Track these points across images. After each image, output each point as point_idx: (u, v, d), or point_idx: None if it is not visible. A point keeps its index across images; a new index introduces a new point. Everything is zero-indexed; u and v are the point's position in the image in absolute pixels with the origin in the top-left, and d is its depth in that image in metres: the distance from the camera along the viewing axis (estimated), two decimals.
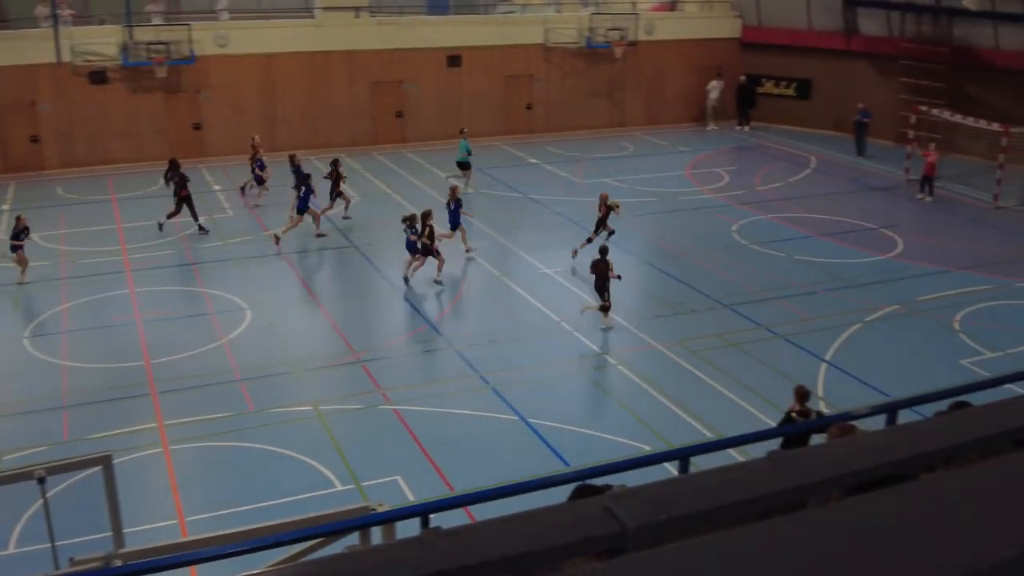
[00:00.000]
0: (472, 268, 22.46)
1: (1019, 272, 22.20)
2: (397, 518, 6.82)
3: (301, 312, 19.98)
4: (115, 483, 8.33)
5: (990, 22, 31.78)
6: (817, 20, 36.88)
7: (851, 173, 31.76)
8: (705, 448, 8.79)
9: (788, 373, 16.38)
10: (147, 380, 16.54)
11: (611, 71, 37.25)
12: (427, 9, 39.25)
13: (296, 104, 32.89)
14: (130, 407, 15.64)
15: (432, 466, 13.89)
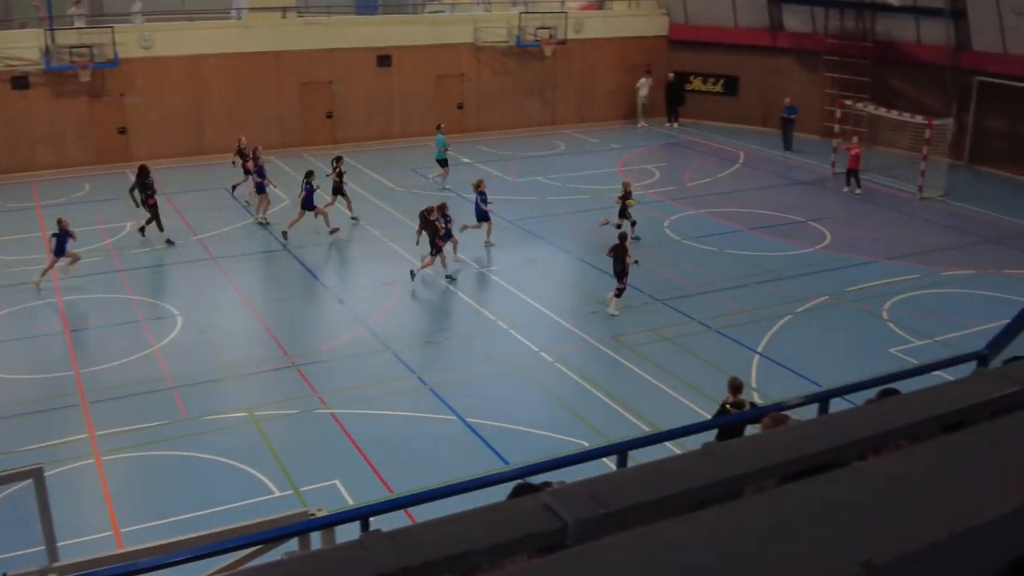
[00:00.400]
0: (407, 267, 22.37)
1: (944, 261, 22.74)
2: (336, 523, 6.78)
3: (234, 317, 19.73)
4: (47, 496, 8.15)
5: (912, 17, 32.51)
6: (743, 17, 37.39)
7: (779, 167, 32.25)
8: (642, 442, 8.87)
9: (722, 365, 16.59)
10: (77, 390, 16.20)
11: (541, 70, 37.37)
12: (355, 9, 39.02)
13: (224, 106, 32.44)
14: (60, 418, 15.31)
15: (371, 469, 13.81)
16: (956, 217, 26.60)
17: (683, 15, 38.96)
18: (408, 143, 34.47)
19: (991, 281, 21.29)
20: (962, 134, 31.74)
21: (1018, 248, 23.58)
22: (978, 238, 24.73)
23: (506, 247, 23.95)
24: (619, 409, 15.58)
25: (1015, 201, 27.86)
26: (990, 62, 30.69)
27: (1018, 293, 19.39)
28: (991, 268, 22.20)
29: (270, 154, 32.27)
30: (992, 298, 20.08)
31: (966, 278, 21.65)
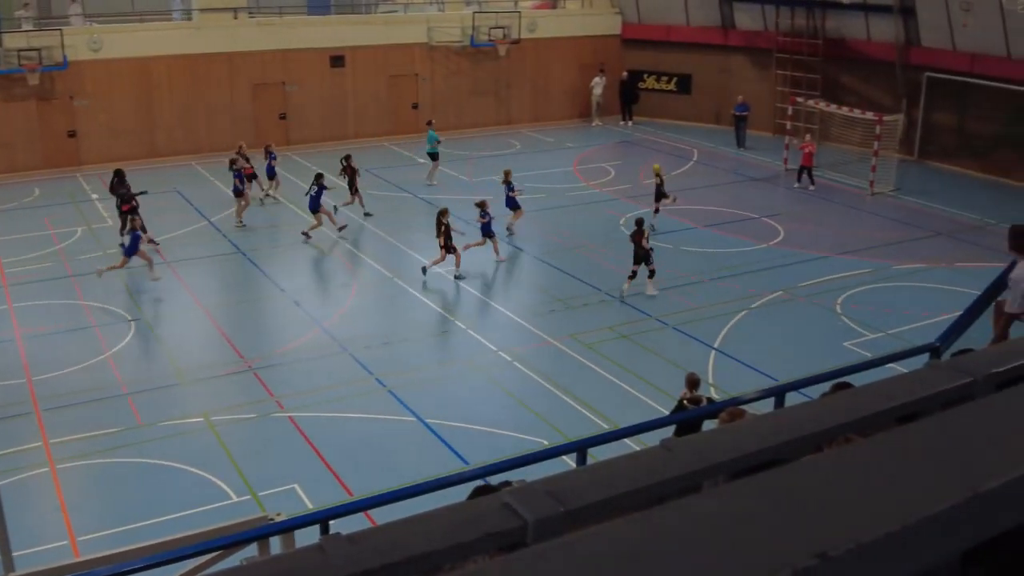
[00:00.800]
0: (364, 269, 22.30)
1: (896, 255, 23.05)
2: (296, 527, 6.74)
3: (188, 321, 19.53)
4: (1, 506, 8.02)
5: (861, 14, 32.91)
6: (695, 16, 37.65)
7: (732, 165, 32.51)
8: (601, 439, 8.92)
9: (679, 362, 16.70)
10: (29, 398, 15.95)
11: (496, 69, 37.38)
12: (308, 9, 38.77)
13: (175, 108, 32.09)
14: (12, 427, 15.06)
15: (330, 472, 13.74)
16: (907, 212, 26.97)
17: (636, 14, 39.15)
18: (362, 144, 34.30)
19: (942, 274, 21.61)
20: (912, 130, 32.20)
21: (968, 241, 23.97)
22: (929, 232, 25.10)
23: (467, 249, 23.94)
24: (578, 407, 15.63)
25: (964, 195, 28.31)
26: (939, 58, 31.15)
27: (969, 286, 19.71)
28: (942, 261, 22.54)
29: (222, 155, 32.04)
30: (943, 291, 20.38)
31: (918, 272, 21.96)
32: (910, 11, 31.45)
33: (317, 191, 23.82)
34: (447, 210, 21.70)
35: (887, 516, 0.78)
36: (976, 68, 30.03)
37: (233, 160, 25.69)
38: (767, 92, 35.60)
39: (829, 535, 0.74)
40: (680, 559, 0.74)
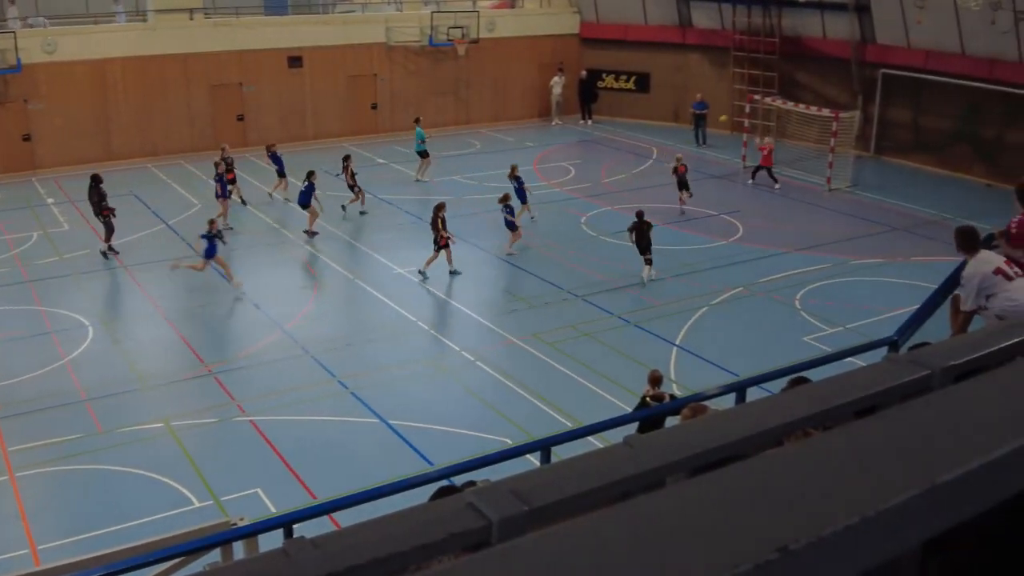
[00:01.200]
0: (324, 270, 22.18)
1: (853, 250, 23.30)
2: (259, 531, 6.70)
3: (147, 326, 19.32)
4: None
5: (817, 12, 33.24)
6: (652, 15, 37.83)
7: (691, 162, 32.61)
8: (565, 437, 8.94)
9: (641, 359, 16.77)
10: None
11: (455, 69, 37.33)
12: (264, 9, 38.48)
13: (131, 110, 31.73)
14: None
15: (293, 476, 13.66)
16: (864, 207, 27.27)
17: (594, 13, 39.28)
18: (321, 144, 34.13)
19: (899, 269, 21.87)
20: (868, 126, 32.58)
21: (924, 236, 24.27)
22: (886, 227, 25.39)
23: (424, 247, 23.89)
24: (542, 406, 15.65)
25: (920, 190, 28.67)
26: (894, 55, 31.54)
27: (926, 280, 19.92)
28: (899, 256, 22.82)
29: (180, 157, 31.76)
30: (900, 285, 20.63)
31: (875, 266, 22.21)
32: (865, 9, 31.82)
33: (307, 187, 23.86)
34: (444, 204, 21.70)
35: (846, 509, 0.79)
36: (931, 65, 30.45)
37: (217, 164, 25.47)
38: (725, 90, 35.85)
39: (789, 529, 0.75)
40: (643, 555, 0.74)
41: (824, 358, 10.04)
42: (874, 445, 0.93)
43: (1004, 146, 29.52)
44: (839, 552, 0.77)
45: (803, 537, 0.74)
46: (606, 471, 2.11)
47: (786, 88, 34.32)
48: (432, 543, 1.85)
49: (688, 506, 0.79)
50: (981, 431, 0.98)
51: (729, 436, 2.17)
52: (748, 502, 0.80)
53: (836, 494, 0.82)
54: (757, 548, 0.72)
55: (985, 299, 8.41)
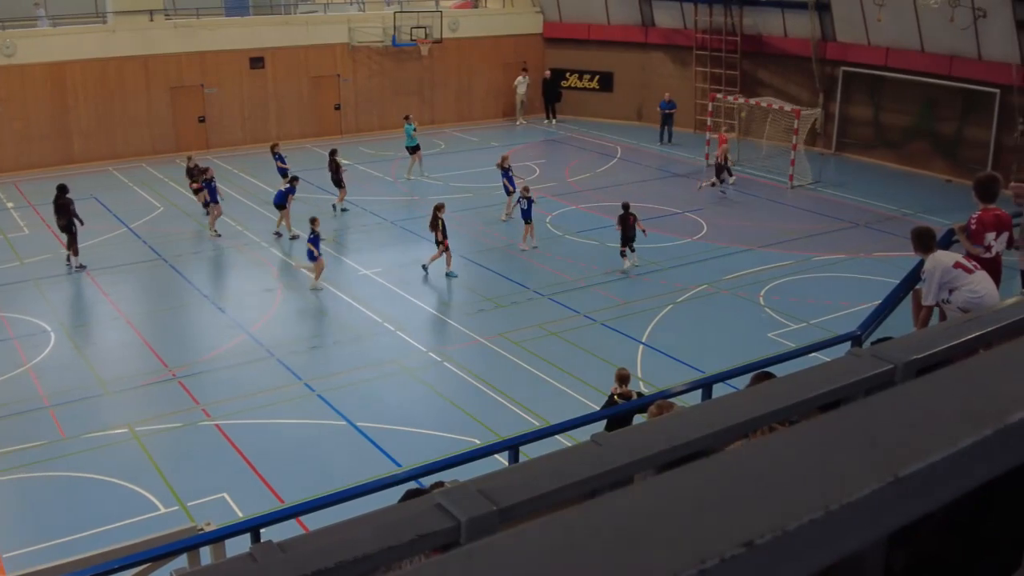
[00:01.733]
0: (289, 272, 22.06)
1: (816, 247, 23.51)
2: (226, 536, 6.66)
3: (110, 331, 19.12)
4: None
5: (778, 10, 33.51)
6: (615, 15, 37.97)
7: (655, 161, 32.85)
8: (533, 437, 8.95)
9: (608, 357, 16.82)
10: None
11: (419, 69, 37.26)
12: (225, 10, 38.17)
13: (91, 113, 31.39)
14: None
15: (260, 480, 13.57)
16: (826, 204, 27.52)
17: (557, 13, 39.35)
18: (285, 146, 33.89)
19: (861, 264, 22.09)
20: (829, 123, 32.90)
21: (886, 231, 24.52)
22: (848, 223, 25.64)
23: (390, 248, 23.87)
24: (509, 405, 15.65)
25: (881, 186, 28.98)
26: (854, 53, 31.87)
27: (887, 275, 20.16)
28: (861, 252, 23.05)
29: (141, 160, 31.46)
30: (863, 281, 20.83)
31: (837, 262, 22.42)
32: (825, 7, 32.12)
33: (287, 189, 23.85)
34: (443, 205, 21.66)
35: (811, 503, 0.79)
36: (891, 62, 30.81)
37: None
38: (687, 89, 36.06)
39: (755, 524, 0.75)
40: (610, 552, 0.74)
41: (788, 354, 10.12)
42: (837, 439, 0.94)
43: (963, 142, 29.93)
44: (804, 546, 0.78)
45: (768, 532, 0.74)
46: (574, 469, 2.11)
47: (748, 86, 34.59)
48: (400, 544, 1.85)
49: (654, 502, 0.79)
50: (943, 424, 0.99)
51: (696, 432, 2.18)
52: (714, 498, 0.81)
53: (800, 488, 0.83)
54: (723, 543, 0.73)
55: (948, 293, 8.52)
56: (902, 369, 2.51)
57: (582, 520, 0.78)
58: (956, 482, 0.96)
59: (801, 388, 2.43)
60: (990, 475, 1.03)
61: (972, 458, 0.96)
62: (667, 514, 0.77)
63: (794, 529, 0.75)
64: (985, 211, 9.28)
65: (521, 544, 0.79)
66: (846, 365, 2.60)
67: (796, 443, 0.92)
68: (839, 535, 0.81)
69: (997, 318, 2.99)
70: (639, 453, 2.15)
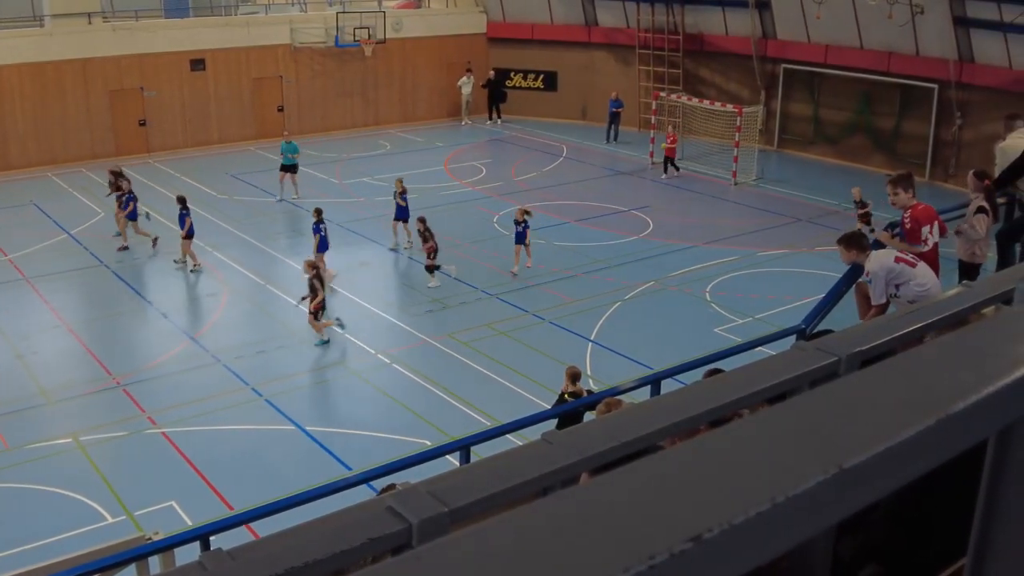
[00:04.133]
0: (233, 277, 21.81)
1: (759, 242, 23.78)
2: (175, 545, 6.58)
3: (51, 338, 18.77)
4: None
5: (719, 9, 33.84)
6: (558, 14, 38.09)
7: (601, 159, 33.01)
8: (484, 437, 8.95)
9: (557, 355, 16.87)
10: None
11: (362, 70, 37.07)
12: (165, 12, 37.66)
13: (28, 118, 30.77)
14: None
15: (208, 487, 13.42)
16: (769, 200, 27.85)
17: (500, 12, 39.38)
18: (226, 149, 33.61)
19: (804, 259, 22.39)
20: (771, 120, 33.30)
21: (827, 226, 24.87)
22: (790, 218, 25.97)
23: (336, 250, 23.69)
24: (459, 406, 15.64)
25: (821, 182, 29.40)
26: (794, 50, 32.30)
27: (829, 269, 20.42)
28: (803, 246, 23.35)
29: (80, 165, 30.95)
30: (806, 275, 21.12)
31: (781, 257, 22.70)
32: (765, 5, 32.51)
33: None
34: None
35: (757, 496, 0.80)
36: (830, 59, 31.28)
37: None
38: (631, 87, 36.27)
39: (703, 518, 0.76)
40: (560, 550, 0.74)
41: (735, 348, 10.23)
42: (782, 431, 0.95)
43: (902, 137, 30.48)
44: (752, 538, 0.78)
45: (716, 526, 0.75)
46: (525, 469, 2.12)
47: (691, 84, 34.90)
48: (351, 548, 1.84)
49: (602, 500, 0.80)
50: (886, 415, 1.01)
51: (644, 429, 2.20)
52: (662, 493, 0.81)
53: (746, 482, 0.84)
54: (671, 538, 0.73)
55: (895, 288, 8.66)
56: (846, 361, 2.55)
57: (531, 519, 0.78)
58: (900, 472, 0.98)
59: (747, 382, 2.46)
60: (933, 464, 1.05)
61: (915, 448, 0.98)
62: (615, 511, 0.78)
63: (741, 522, 0.76)
64: (915, 207, 9.46)
65: (470, 544, 0.79)
66: (791, 358, 2.63)
67: (741, 436, 0.93)
68: (786, 527, 0.82)
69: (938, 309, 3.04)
70: (589, 450, 2.16)
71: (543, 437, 2.33)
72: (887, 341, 2.74)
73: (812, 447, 0.88)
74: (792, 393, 2.51)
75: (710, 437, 0.87)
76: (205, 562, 2.19)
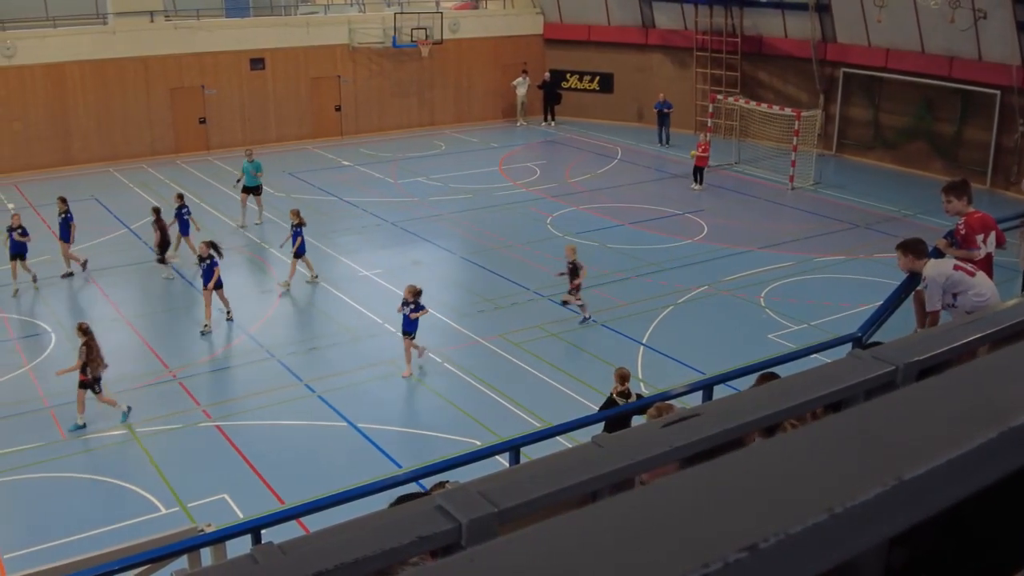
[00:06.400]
0: (287, 273, 22.02)
1: (815, 248, 23.50)
2: (227, 537, 6.65)
3: (110, 331, 19.07)
4: None
5: (778, 11, 33.51)
6: (615, 16, 37.97)
7: (655, 162, 32.85)
8: (533, 438, 8.94)
9: (608, 358, 16.81)
10: None
11: (418, 70, 37.26)
12: (226, 11, 38.19)
13: (90, 115, 31.38)
14: None
15: (260, 481, 13.57)
16: (826, 205, 27.51)
17: (557, 14, 39.35)
18: (284, 147, 33.97)
19: (861, 265, 22.09)
20: (829, 124, 32.90)
21: (885, 233, 24.50)
22: (847, 224, 25.63)
23: (390, 249, 23.86)
24: (510, 406, 15.65)
25: (880, 187, 28.98)
26: (854, 54, 31.88)
27: (887, 276, 20.14)
28: (861, 253, 23.04)
29: (141, 161, 31.46)
30: (863, 282, 20.83)
31: (838, 263, 22.41)
32: (825, 8, 32.12)
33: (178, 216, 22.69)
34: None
35: (814, 506, 0.79)
36: (891, 63, 30.82)
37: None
38: (688, 90, 36.05)
39: (758, 527, 0.75)
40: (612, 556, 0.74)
41: (789, 355, 10.10)
42: (840, 442, 0.94)
43: (961, 143, 29.95)
44: (808, 549, 0.77)
45: (772, 536, 0.74)
46: (575, 471, 2.11)
47: (748, 87, 34.60)
48: (401, 546, 1.84)
49: (657, 506, 0.79)
50: (947, 427, 0.99)
51: (696, 435, 2.18)
52: (716, 501, 0.80)
53: (804, 491, 0.82)
54: (726, 547, 0.72)
55: (952, 297, 8.52)
56: (903, 371, 2.51)
57: (584, 524, 0.78)
58: (960, 485, 0.96)
59: (802, 389, 2.43)
60: (993, 478, 1.02)
61: (976, 461, 0.96)
62: (670, 517, 0.77)
63: (797, 532, 0.75)
64: (971, 215, 9.29)
65: (522, 548, 0.78)
66: (847, 366, 2.59)
67: (798, 446, 0.92)
68: (843, 538, 0.81)
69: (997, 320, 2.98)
70: (639, 455, 2.15)
71: (593, 440, 2.33)
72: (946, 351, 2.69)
73: (871, 458, 0.87)
74: (848, 402, 2.47)
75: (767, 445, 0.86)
76: (256, 555, 2.21)
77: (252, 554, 2.21)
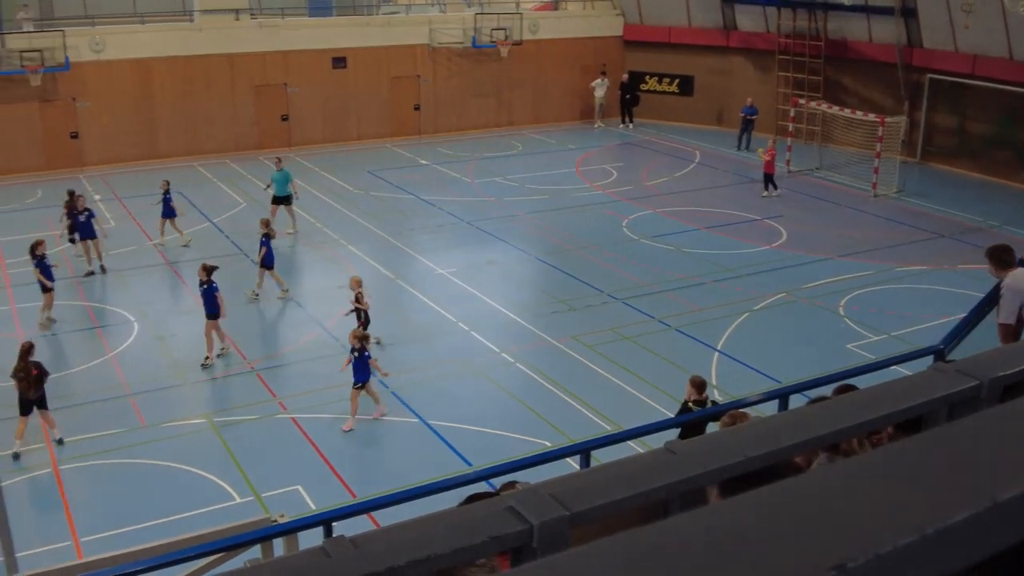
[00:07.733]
0: (364, 270, 22.25)
1: (898, 257, 23.02)
2: (299, 528, 6.73)
3: (191, 322, 19.47)
4: (4, 507, 8.02)
5: (863, 15, 32.90)
6: (696, 18, 37.64)
7: (734, 166, 32.49)
8: (605, 441, 8.91)
9: (682, 363, 16.67)
10: None
11: (497, 70, 37.37)
12: (309, 10, 38.75)
13: (176, 110, 32.07)
14: (14, 427, 15.04)
15: (333, 474, 13.73)
16: (910, 213, 26.94)
17: (637, 15, 39.14)
18: (364, 145, 34.34)
19: (945, 276, 21.58)
20: (914, 131, 32.20)
21: (970, 243, 23.91)
22: (931, 234, 25.06)
23: (465, 248, 23.97)
24: (581, 409, 15.61)
25: (966, 197, 28.29)
26: (940, 60, 31.16)
27: (972, 288, 19.65)
28: (945, 263, 22.51)
29: (224, 157, 32.07)
30: (946, 293, 20.36)
31: (920, 273, 21.93)
32: (911, 12, 31.44)
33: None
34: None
35: (904, 526, 0.77)
36: (978, 70, 30.03)
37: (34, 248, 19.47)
38: (768, 93, 35.56)
39: (847, 546, 0.74)
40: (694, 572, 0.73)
41: (868, 366, 9.91)
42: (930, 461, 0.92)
43: None
44: (897, 570, 0.75)
45: (861, 555, 0.72)
46: (647, 477, 2.09)
47: (831, 92, 34.00)
48: (472, 545, 1.85)
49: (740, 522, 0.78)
50: None
51: (771, 445, 2.14)
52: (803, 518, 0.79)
53: (893, 511, 0.80)
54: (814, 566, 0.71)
55: None
56: (988, 385, 2.43)
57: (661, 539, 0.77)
58: None
59: (881, 401, 2.38)
60: None
61: None
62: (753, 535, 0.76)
63: (887, 553, 0.73)
64: None
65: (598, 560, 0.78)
66: (929, 379, 2.53)
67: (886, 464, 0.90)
68: (932, 560, 0.78)
69: None
70: (712, 463, 2.12)
71: (666, 446, 2.30)
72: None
73: (964, 478, 0.84)
74: (930, 416, 2.41)
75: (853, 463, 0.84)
76: (328, 548, 2.23)
77: (324, 547, 2.23)
